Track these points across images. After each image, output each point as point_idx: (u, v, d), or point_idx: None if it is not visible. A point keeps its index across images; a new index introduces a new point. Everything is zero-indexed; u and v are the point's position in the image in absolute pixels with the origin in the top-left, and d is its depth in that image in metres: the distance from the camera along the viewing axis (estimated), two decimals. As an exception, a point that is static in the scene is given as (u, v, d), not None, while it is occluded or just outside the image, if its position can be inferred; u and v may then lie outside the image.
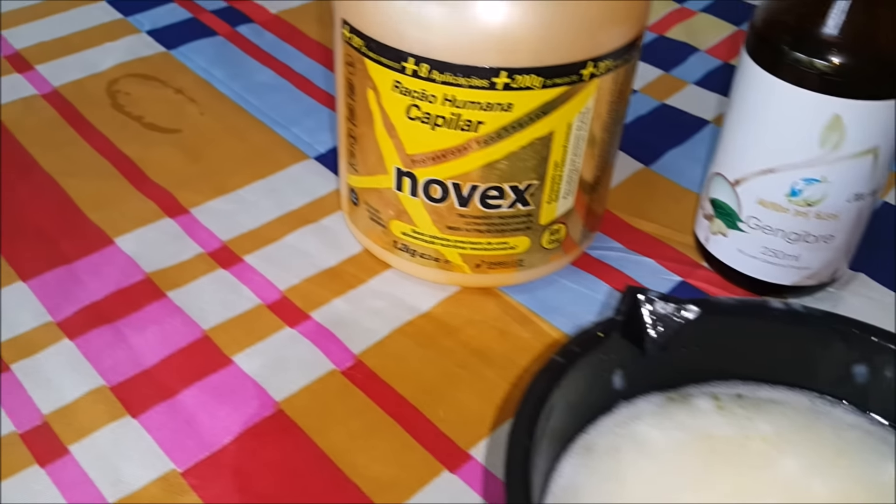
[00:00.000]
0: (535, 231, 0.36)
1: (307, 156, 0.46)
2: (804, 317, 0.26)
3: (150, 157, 0.45)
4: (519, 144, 0.33)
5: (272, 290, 0.38)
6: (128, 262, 0.38)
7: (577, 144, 0.34)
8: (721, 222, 0.38)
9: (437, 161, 0.34)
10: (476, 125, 0.32)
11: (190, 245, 0.40)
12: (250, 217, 0.42)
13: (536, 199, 0.35)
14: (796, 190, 0.35)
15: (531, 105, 0.32)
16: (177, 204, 0.42)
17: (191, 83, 0.51)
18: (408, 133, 0.34)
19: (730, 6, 0.62)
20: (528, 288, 0.39)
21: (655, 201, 0.44)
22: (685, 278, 0.40)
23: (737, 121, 0.36)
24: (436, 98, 0.32)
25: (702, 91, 0.53)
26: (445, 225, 0.36)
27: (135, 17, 0.58)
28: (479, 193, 0.34)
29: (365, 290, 0.38)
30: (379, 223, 0.38)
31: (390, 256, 0.38)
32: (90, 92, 0.50)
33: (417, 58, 0.31)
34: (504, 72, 0.31)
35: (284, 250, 0.40)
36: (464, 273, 0.37)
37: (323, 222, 0.42)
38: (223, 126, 0.48)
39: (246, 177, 0.44)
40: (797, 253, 0.37)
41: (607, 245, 0.41)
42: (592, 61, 0.32)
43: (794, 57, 0.33)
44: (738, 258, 0.38)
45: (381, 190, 0.36)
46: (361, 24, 0.32)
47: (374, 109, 0.34)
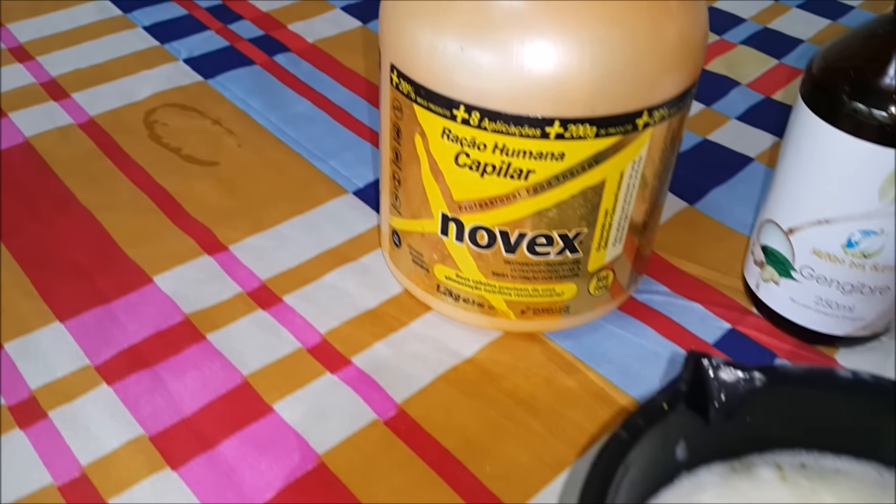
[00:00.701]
0: (582, 278, 0.35)
1: (346, 190, 0.46)
2: (872, 386, 0.25)
3: (188, 191, 0.45)
4: (570, 193, 0.32)
5: (312, 332, 0.37)
6: (166, 301, 0.38)
7: (628, 192, 0.33)
8: (773, 270, 0.37)
9: (484, 208, 0.33)
10: (526, 174, 0.32)
11: (229, 284, 0.39)
12: (289, 254, 0.41)
13: (585, 246, 0.34)
14: (853, 241, 0.34)
15: (583, 154, 0.31)
16: (215, 240, 0.42)
17: (228, 114, 0.51)
18: (455, 179, 0.33)
19: (769, 38, 0.61)
20: (573, 333, 0.38)
21: (701, 242, 0.43)
22: (735, 325, 0.39)
23: (791, 168, 0.35)
24: (486, 146, 0.31)
25: (744, 126, 0.52)
26: (491, 271, 0.35)
27: (171, 45, 0.57)
28: (527, 241, 0.34)
29: (406, 333, 0.37)
30: (422, 266, 0.37)
31: (432, 300, 0.38)
32: (127, 122, 0.50)
33: (468, 106, 0.31)
34: (557, 122, 0.30)
35: (324, 290, 0.39)
36: (508, 319, 0.37)
37: (362, 260, 0.41)
38: (261, 159, 0.47)
39: (284, 212, 0.44)
40: (851, 304, 0.36)
41: (653, 288, 0.40)
42: (648, 111, 0.31)
43: (853, 107, 0.32)
44: (791, 307, 0.37)
45: (425, 234, 0.36)
46: (411, 71, 0.32)
47: (422, 154, 0.33)
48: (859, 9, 0.65)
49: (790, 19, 0.63)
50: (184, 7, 0.62)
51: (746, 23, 0.62)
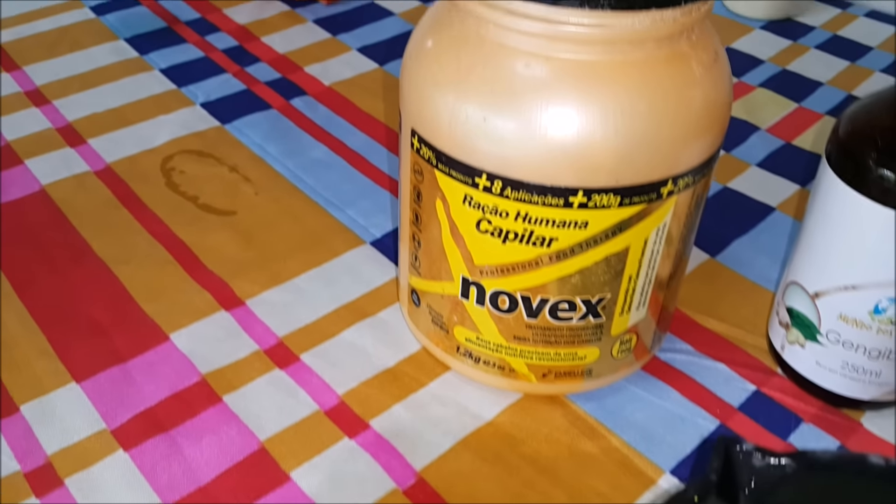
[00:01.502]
0: (605, 342, 0.35)
1: (363, 241, 0.45)
2: (908, 473, 0.25)
3: (205, 242, 0.44)
4: (593, 260, 0.32)
5: (330, 394, 0.36)
6: (183, 360, 0.38)
7: (652, 258, 0.33)
8: (798, 332, 0.36)
9: (506, 273, 0.33)
10: (549, 241, 0.31)
11: (246, 342, 0.39)
12: (307, 309, 0.41)
13: (609, 311, 0.34)
14: (881, 308, 0.33)
15: (607, 223, 0.31)
16: (232, 294, 0.41)
17: (245, 160, 0.51)
18: (476, 245, 0.32)
19: (789, 80, 0.60)
20: (595, 395, 0.37)
21: (724, 297, 0.43)
22: (760, 387, 0.38)
23: (816, 232, 0.34)
24: (508, 214, 0.31)
25: (764, 174, 0.51)
26: (512, 335, 0.35)
27: (188, 89, 0.57)
28: (550, 306, 0.33)
29: (425, 394, 0.37)
30: (441, 327, 0.36)
31: (452, 360, 0.37)
32: (144, 169, 0.50)
33: (491, 175, 0.30)
34: (581, 191, 0.30)
35: (342, 347, 0.39)
36: (529, 382, 0.36)
37: (380, 315, 0.41)
38: (278, 207, 0.47)
39: (301, 264, 0.43)
40: (878, 369, 0.35)
41: (676, 347, 0.40)
42: (672, 179, 0.31)
43: (880, 174, 0.31)
44: (816, 370, 0.36)
45: (444, 295, 0.35)
46: (433, 137, 0.31)
47: (443, 219, 0.33)
48: (878, 49, 0.64)
49: (809, 61, 0.63)
50: (200, 49, 0.62)
51: (765, 64, 0.62)
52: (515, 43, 0.29)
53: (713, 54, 0.31)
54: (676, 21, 0.29)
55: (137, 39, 0.63)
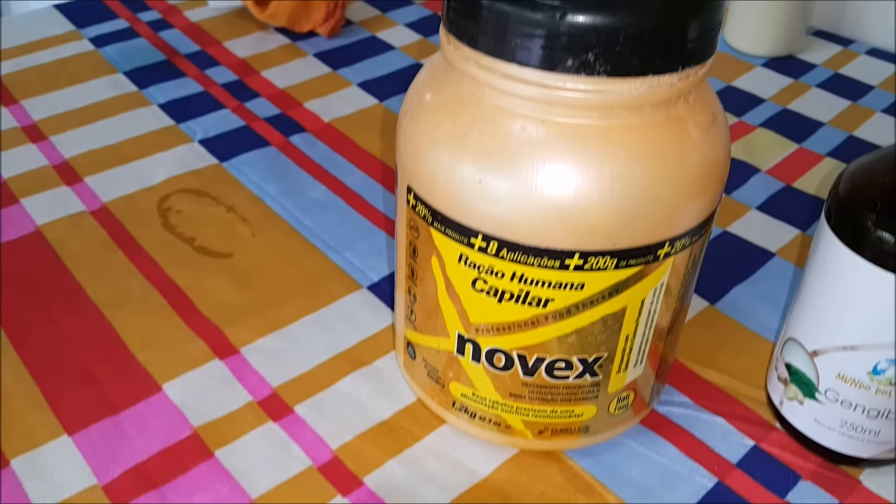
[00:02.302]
0: (602, 399, 0.35)
1: (360, 285, 0.45)
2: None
3: (200, 286, 0.44)
4: (589, 320, 0.32)
5: (323, 448, 0.36)
6: (175, 413, 0.37)
7: (649, 317, 0.33)
8: (797, 389, 0.36)
9: (501, 332, 0.32)
10: (545, 302, 0.31)
11: (239, 392, 0.38)
12: (302, 358, 0.40)
13: (606, 369, 0.33)
14: (879, 369, 0.33)
15: (604, 284, 0.30)
16: (226, 342, 0.41)
17: (243, 200, 0.51)
18: (472, 303, 0.32)
19: (789, 120, 0.60)
20: (593, 451, 0.37)
21: (723, 346, 0.42)
22: (758, 442, 0.38)
23: (815, 291, 0.34)
24: (504, 274, 0.31)
25: (765, 217, 0.51)
26: (508, 392, 0.34)
27: (186, 125, 0.57)
28: (546, 364, 0.33)
29: (420, 448, 0.37)
30: (437, 381, 0.36)
31: (448, 415, 0.37)
32: (141, 209, 0.49)
33: (486, 235, 0.30)
34: (577, 254, 0.30)
35: (336, 399, 0.38)
36: (525, 438, 0.36)
37: (376, 364, 0.40)
38: (275, 250, 0.47)
39: (297, 310, 0.43)
40: (878, 428, 0.35)
41: (675, 399, 0.39)
42: (669, 241, 0.30)
43: (879, 236, 0.31)
44: (815, 428, 0.36)
45: (440, 350, 0.35)
46: (428, 196, 0.31)
47: (438, 276, 0.33)
48: (879, 88, 0.64)
49: (810, 100, 0.63)
50: (200, 83, 0.62)
51: (766, 103, 0.62)
52: (512, 106, 0.29)
53: (711, 116, 0.31)
54: (673, 86, 0.28)
55: (136, 73, 0.63)
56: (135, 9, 0.72)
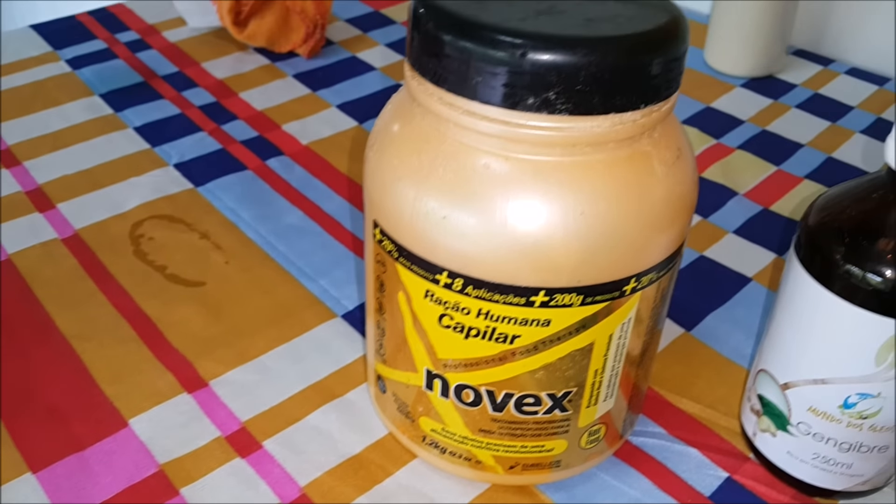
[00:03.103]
0: (573, 434, 0.34)
1: (335, 314, 0.45)
2: None
3: (171, 317, 0.44)
4: (557, 356, 0.31)
5: (291, 486, 0.36)
6: (141, 449, 0.37)
7: (618, 352, 0.32)
8: (770, 421, 0.36)
9: (469, 368, 0.32)
10: (511, 338, 0.31)
11: (207, 427, 0.38)
12: (272, 390, 0.40)
13: (575, 404, 0.33)
14: (850, 403, 0.33)
15: (570, 321, 0.30)
16: (195, 375, 0.40)
17: (217, 226, 0.50)
18: (439, 339, 0.32)
19: (768, 141, 0.60)
20: (565, 485, 0.36)
21: (698, 375, 0.42)
22: (732, 474, 0.37)
23: (785, 324, 0.34)
24: (469, 311, 0.30)
25: (742, 241, 0.51)
26: (478, 427, 0.34)
27: (162, 148, 0.57)
28: (514, 400, 0.33)
29: (391, 484, 0.36)
30: (407, 416, 0.36)
31: (418, 449, 0.36)
32: (113, 235, 0.49)
33: (451, 272, 0.30)
34: (542, 291, 0.29)
35: (307, 433, 0.38)
36: (496, 473, 0.35)
37: (348, 396, 0.40)
38: (248, 278, 0.47)
39: (270, 340, 0.43)
40: (850, 461, 0.34)
41: (649, 430, 0.39)
42: (635, 277, 0.30)
43: (848, 270, 0.31)
44: (788, 460, 0.36)
45: (409, 385, 0.34)
46: (394, 231, 0.31)
47: (405, 312, 0.32)
48: (858, 109, 0.64)
49: (789, 121, 0.63)
50: (177, 105, 0.62)
51: (745, 125, 0.62)
52: (475, 142, 0.29)
53: (676, 151, 0.30)
54: (636, 122, 0.28)
55: (113, 95, 0.62)
56: (113, 29, 0.72)
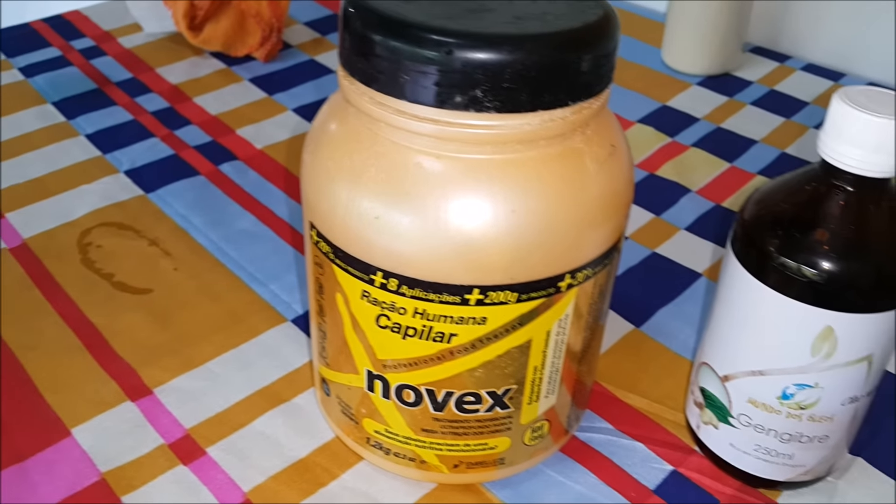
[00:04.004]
0: (515, 431, 0.34)
1: (284, 318, 0.44)
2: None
3: (116, 325, 0.43)
4: (495, 354, 0.31)
5: (235, 491, 0.35)
6: (83, 458, 0.36)
7: (557, 348, 0.32)
8: (712, 414, 0.36)
9: (409, 368, 0.32)
10: (449, 337, 0.31)
11: (150, 435, 0.37)
12: (218, 396, 0.40)
13: (516, 402, 0.33)
14: (788, 394, 0.33)
15: (506, 318, 0.30)
16: (140, 384, 0.40)
17: (167, 233, 0.50)
18: (378, 340, 0.32)
19: (722, 139, 0.61)
20: (511, 482, 0.36)
21: (646, 370, 0.42)
22: (677, 467, 0.37)
23: (723, 317, 0.34)
24: (406, 310, 0.30)
25: (693, 238, 0.51)
26: (420, 427, 0.34)
27: (113, 155, 0.56)
28: (455, 399, 0.32)
29: (336, 487, 0.36)
30: (351, 418, 0.36)
31: (363, 451, 0.36)
32: (61, 244, 0.48)
33: (386, 272, 0.30)
34: (476, 289, 0.29)
35: (252, 438, 0.38)
36: (441, 472, 0.35)
37: (296, 401, 0.40)
38: (197, 284, 0.46)
39: (217, 346, 0.42)
40: (791, 452, 0.34)
41: (596, 425, 0.39)
42: (570, 273, 0.30)
43: (782, 262, 0.31)
44: (730, 452, 0.36)
45: (351, 387, 0.34)
46: (329, 232, 0.31)
47: (344, 313, 0.32)
48: (813, 104, 0.65)
49: (744, 117, 0.63)
50: (130, 112, 0.61)
51: (699, 122, 0.62)
52: (407, 141, 0.29)
53: (609, 147, 0.31)
54: (566, 120, 0.28)
55: (65, 103, 0.62)
56: (68, 36, 0.71)
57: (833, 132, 0.30)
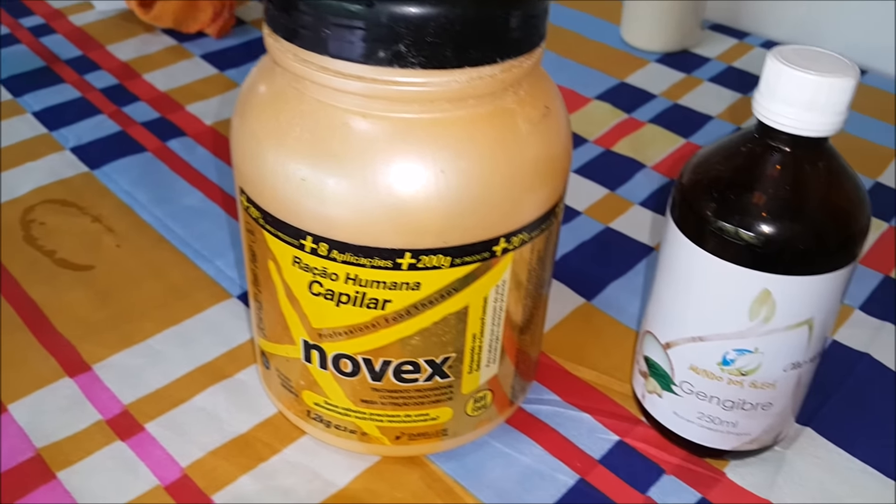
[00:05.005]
0: (457, 401, 0.34)
1: (230, 294, 0.44)
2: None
3: (57, 302, 0.42)
4: (431, 321, 0.31)
5: (173, 466, 0.35)
6: (18, 434, 0.35)
7: (495, 315, 0.32)
8: (655, 382, 0.36)
9: (344, 336, 0.31)
10: (383, 303, 0.30)
11: (88, 411, 0.37)
12: (158, 373, 0.39)
13: (456, 370, 0.33)
14: (728, 360, 0.33)
15: (440, 284, 0.30)
16: (79, 359, 0.39)
17: (111, 209, 0.49)
18: (312, 308, 0.31)
19: (679, 115, 0.60)
20: (456, 454, 0.36)
21: (595, 343, 0.42)
22: (623, 437, 0.37)
23: (664, 285, 0.34)
24: (338, 276, 0.30)
25: (646, 213, 0.51)
26: (359, 398, 0.33)
27: (59, 132, 0.55)
28: (393, 368, 0.32)
29: (277, 461, 0.35)
30: (290, 391, 0.35)
31: (305, 425, 0.36)
32: (4, 221, 0.47)
33: (316, 237, 0.29)
34: (408, 253, 0.29)
35: (192, 414, 0.37)
36: (384, 445, 0.35)
37: (239, 377, 0.39)
38: (140, 261, 0.45)
39: (159, 323, 0.41)
40: (734, 420, 0.34)
41: (543, 397, 0.39)
42: (504, 237, 0.30)
43: (719, 226, 0.30)
44: (675, 420, 0.36)
45: (289, 359, 0.34)
46: (258, 197, 0.30)
47: (277, 281, 0.31)
48: (767, 80, 0.65)
49: (701, 94, 0.63)
50: (78, 89, 0.60)
51: (657, 99, 0.62)
52: (333, 100, 0.28)
53: (543, 109, 0.30)
54: (495, 77, 0.28)
55: (13, 81, 0.60)
56: (17, 14, 0.70)
57: (767, 91, 0.29)
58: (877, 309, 0.44)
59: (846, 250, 0.31)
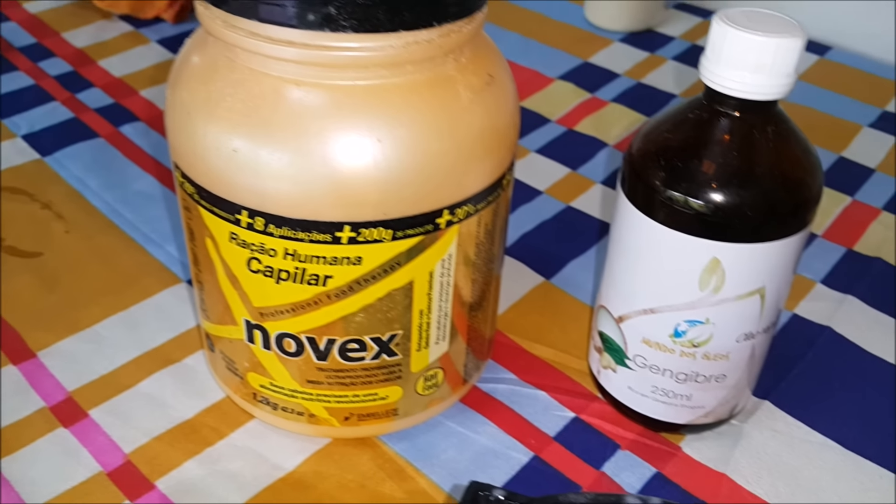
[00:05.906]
0: (406, 380, 0.33)
1: (179, 279, 0.43)
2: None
3: (3, 290, 0.41)
4: (375, 297, 0.30)
5: (116, 453, 0.34)
6: (-44, 424, 0.34)
7: (443, 290, 0.31)
8: (610, 357, 0.35)
9: (287, 315, 0.30)
10: (324, 279, 0.29)
11: (32, 399, 0.36)
12: (104, 359, 0.38)
13: (403, 348, 0.32)
14: (680, 331, 0.32)
15: (382, 258, 0.29)
16: (24, 347, 0.38)
17: (61, 196, 0.47)
18: (252, 286, 0.30)
19: (642, 94, 0.60)
20: (408, 434, 0.35)
21: (554, 321, 0.41)
22: (579, 413, 0.37)
23: (616, 258, 0.33)
24: (276, 252, 0.29)
25: (608, 191, 0.50)
26: (305, 379, 0.32)
27: (11, 120, 0.54)
28: (338, 347, 0.31)
29: (223, 446, 0.34)
30: (235, 374, 0.34)
31: (252, 408, 0.35)
32: (-51, 210, 0.46)
33: (251, 211, 0.28)
34: (347, 226, 0.28)
35: (137, 400, 0.36)
36: (333, 426, 0.34)
37: (186, 362, 0.38)
38: (89, 246, 0.44)
39: (106, 309, 0.40)
40: (688, 392, 0.34)
41: (499, 376, 0.38)
42: (448, 209, 0.29)
43: (669, 196, 0.30)
44: (629, 395, 0.35)
45: (233, 340, 0.33)
46: (191, 171, 0.29)
47: (215, 259, 0.31)
48: (731, 59, 0.64)
49: (664, 72, 0.62)
50: (31, 77, 0.58)
51: (620, 78, 0.61)
52: (265, 67, 0.27)
53: (486, 77, 0.29)
54: (433, 43, 0.27)
55: (-37, 69, 0.59)
56: (-31, 3, 0.68)
57: (713, 55, 0.29)
58: (839, 282, 0.44)
59: (796, 217, 0.30)
